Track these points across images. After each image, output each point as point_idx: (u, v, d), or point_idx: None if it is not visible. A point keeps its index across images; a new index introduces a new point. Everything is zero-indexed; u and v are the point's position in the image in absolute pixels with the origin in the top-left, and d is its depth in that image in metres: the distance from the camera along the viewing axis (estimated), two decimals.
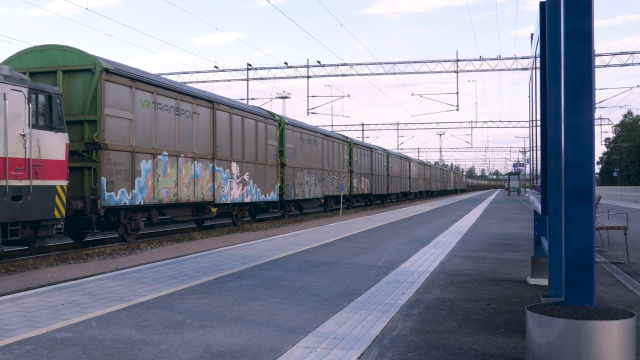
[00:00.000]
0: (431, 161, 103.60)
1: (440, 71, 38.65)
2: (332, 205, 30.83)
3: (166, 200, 14.81)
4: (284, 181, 22.79)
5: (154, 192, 14.28)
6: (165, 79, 15.75)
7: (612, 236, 12.15)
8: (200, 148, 16.57)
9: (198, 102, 16.60)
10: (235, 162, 18.77)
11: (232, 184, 18.44)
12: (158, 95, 14.65)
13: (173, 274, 7.72)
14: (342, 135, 33.63)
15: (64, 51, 12.84)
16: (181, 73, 41.41)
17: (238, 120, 19.08)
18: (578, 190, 3.74)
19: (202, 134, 16.73)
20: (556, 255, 5.24)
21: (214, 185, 17.12)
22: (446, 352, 4.22)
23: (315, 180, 26.68)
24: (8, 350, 4.22)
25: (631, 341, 3.52)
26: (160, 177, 14.55)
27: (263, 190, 20.88)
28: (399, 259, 9.22)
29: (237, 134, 19.00)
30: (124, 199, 13.18)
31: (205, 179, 16.72)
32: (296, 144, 24.44)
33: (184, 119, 15.79)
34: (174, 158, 15.20)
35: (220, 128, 17.79)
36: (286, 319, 5.21)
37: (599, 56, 34.97)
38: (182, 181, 15.53)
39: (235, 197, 18.64)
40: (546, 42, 5.27)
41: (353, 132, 70.02)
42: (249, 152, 19.87)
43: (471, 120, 66.79)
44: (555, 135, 5.13)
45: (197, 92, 17.04)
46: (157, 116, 14.57)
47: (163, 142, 14.80)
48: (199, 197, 16.35)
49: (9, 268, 10.25)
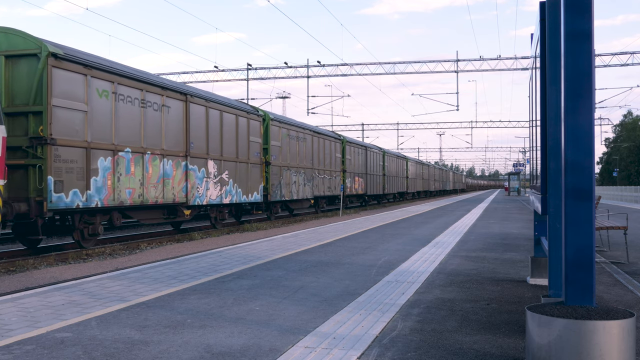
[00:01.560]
0: (431, 161, 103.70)
1: (440, 71, 38.67)
2: (323, 206, 29.53)
3: (129, 202, 13.32)
4: (269, 181, 21.37)
5: (114, 193, 12.82)
6: (129, 67, 14.10)
7: (612, 236, 12.15)
8: (170, 144, 15.09)
9: (168, 94, 15.08)
10: (213, 160, 17.26)
11: (209, 183, 16.98)
12: (119, 85, 13.18)
13: (173, 274, 7.72)
14: (334, 132, 32.38)
15: (6, 34, 11.39)
16: (181, 73, 41.45)
17: (216, 114, 17.58)
18: (578, 190, 3.74)
19: (173, 129, 15.24)
20: (556, 255, 5.24)
21: (187, 185, 15.69)
22: (446, 352, 4.22)
23: (304, 180, 25.24)
24: (8, 350, 4.23)
25: (631, 341, 3.52)
26: (121, 176, 13.10)
27: (245, 190, 19.42)
28: (399, 259, 9.22)
29: (215, 129, 17.52)
30: (76, 200, 11.74)
31: (176, 178, 15.27)
32: (282, 142, 22.94)
33: (152, 113, 14.32)
34: (138, 155, 13.74)
35: (195, 123, 16.29)
36: (286, 319, 5.22)
37: (599, 56, 34.97)
38: (149, 181, 14.07)
39: (212, 198, 17.17)
40: (546, 42, 5.26)
41: (353, 132, 70.14)
42: (229, 150, 18.37)
43: (471, 120, 66.82)
44: (555, 135, 5.13)
45: (167, 83, 15.53)
46: (118, 108, 13.10)
47: (125, 137, 13.34)
48: (169, 198, 14.89)
49: (9, 268, 10.25)
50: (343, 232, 14.18)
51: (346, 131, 64.46)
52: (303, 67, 39.32)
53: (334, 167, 30.30)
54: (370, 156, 37.52)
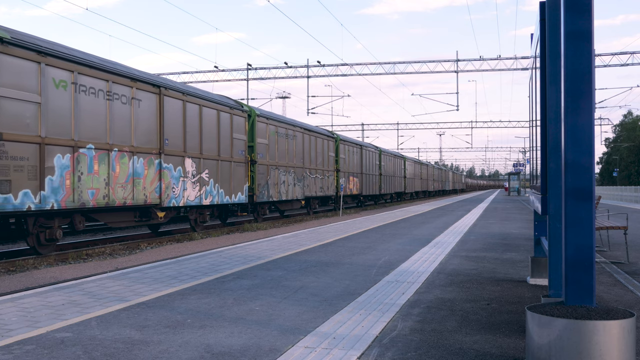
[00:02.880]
0: (431, 161, 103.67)
1: (440, 71, 38.67)
2: (315, 207, 28.16)
3: (92, 204, 12.09)
4: (255, 180, 20.15)
5: (75, 194, 11.56)
6: (92, 55, 12.76)
7: (612, 236, 12.15)
8: (142, 141, 13.84)
9: (139, 85, 13.79)
10: (191, 158, 15.97)
11: (186, 183, 15.68)
12: (80, 75, 11.88)
13: (173, 273, 7.72)
14: (327, 130, 30.87)
15: None
16: (181, 73, 41.47)
17: (194, 109, 16.30)
18: (578, 190, 3.75)
19: (144, 124, 13.98)
20: (556, 255, 5.24)
21: (160, 185, 14.41)
22: (446, 352, 4.22)
23: (294, 180, 23.94)
24: (8, 350, 4.23)
25: (631, 341, 3.52)
26: (83, 175, 11.83)
27: (228, 190, 18.09)
28: (399, 259, 9.22)
29: (193, 125, 16.21)
30: (27, 202, 10.50)
31: (148, 177, 14.00)
32: (270, 139, 21.71)
33: (119, 106, 13.09)
34: (103, 152, 12.49)
35: (170, 118, 15.04)
36: (286, 319, 5.22)
37: (599, 56, 34.98)
38: (116, 180, 12.85)
39: (190, 199, 15.88)
40: (546, 42, 5.27)
41: (353, 132, 70.16)
42: (209, 147, 17.08)
43: (471, 120, 66.80)
44: (555, 135, 5.13)
45: (138, 73, 14.05)
46: (79, 101, 11.83)
47: (88, 132, 12.08)
48: (140, 199, 13.65)
49: (9, 268, 10.25)
50: (343, 232, 14.18)
51: (346, 131, 64.52)
52: (303, 67, 39.35)
53: (327, 166, 29.06)
54: (365, 155, 36.38)
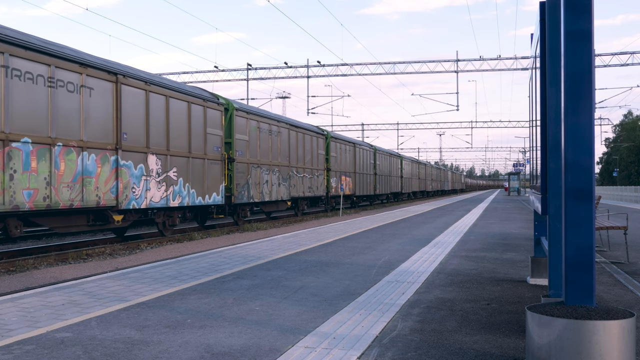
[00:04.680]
0: (431, 161, 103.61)
1: (440, 71, 38.67)
2: (304, 209, 26.43)
3: (29, 206, 10.46)
4: (233, 180, 18.51)
5: (5, 195, 10.02)
6: (28, 34, 11.14)
7: (612, 236, 12.15)
8: (94, 135, 12.14)
9: (90, 72, 12.11)
10: (155, 154, 14.30)
11: (150, 183, 14.03)
12: (12, 57, 10.28)
13: (173, 273, 7.72)
14: (317, 127, 28.86)
15: None
16: (181, 73, 41.47)
17: (159, 100, 14.58)
18: (578, 190, 3.75)
19: (97, 116, 12.27)
20: (556, 255, 5.24)
21: (117, 185, 12.75)
22: (446, 352, 4.22)
23: (279, 180, 22.34)
24: (8, 350, 4.23)
25: (631, 341, 3.52)
26: (16, 173, 10.25)
27: (200, 191, 16.41)
28: (399, 259, 9.22)
29: (158, 118, 14.51)
30: None
31: (102, 176, 12.31)
32: (251, 135, 20.01)
33: (65, 94, 11.46)
34: (44, 147, 10.87)
35: (130, 109, 13.36)
36: (286, 319, 5.22)
37: (599, 56, 34.98)
38: (61, 179, 11.22)
39: (154, 200, 14.21)
40: (546, 42, 5.27)
41: (353, 132, 70.13)
42: (178, 143, 15.43)
43: (471, 120, 66.80)
44: (555, 135, 5.13)
45: (89, 58, 12.29)
46: (10, 87, 10.21)
47: (23, 124, 10.47)
48: (91, 201, 11.92)
49: (9, 268, 10.25)
50: (343, 232, 14.18)
51: (346, 131, 64.50)
52: (303, 67, 39.35)
53: (316, 165, 27.18)
54: (359, 154, 34.81)
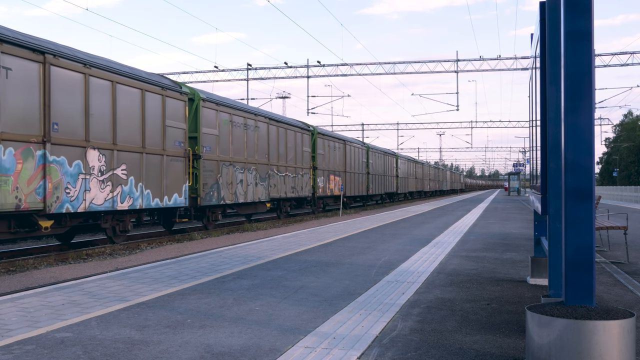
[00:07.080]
0: (431, 161, 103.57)
1: (440, 71, 38.66)
2: (287, 211, 24.48)
3: None
4: (199, 179, 16.49)
5: None
6: None
7: (612, 236, 12.15)
8: (12, 124, 10.25)
9: (6, 49, 10.16)
10: (97, 149, 12.36)
11: (89, 182, 12.11)
12: None
13: (173, 273, 7.72)
14: (302, 122, 26.54)
15: None
16: (181, 73, 41.46)
17: (104, 86, 12.62)
18: (578, 190, 3.75)
19: (17, 103, 10.41)
20: (556, 255, 5.24)
21: (45, 185, 10.86)
22: (446, 352, 4.22)
23: (256, 179, 20.25)
24: (8, 350, 4.23)
25: (631, 341, 3.52)
26: None
27: (157, 191, 14.45)
28: (399, 259, 9.22)
29: (102, 107, 12.55)
30: None
31: (24, 174, 10.41)
32: (222, 129, 17.89)
33: None
34: None
35: (63, 96, 11.43)
36: (286, 319, 5.22)
37: (599, 56, 34.98)
38: None
39: (96, 202, 12.31)
40: (546, 42, 5.27)
41: (353, 132, 70.12)
42: (129, 136, 13.44)
43: (471, 120, 66.79)
44: (555, 135, 5.14)
45: (6, 32, 10.32)
46: None
47: None
48: (7, 204, 10.06)
49: (9, 268, 10.25)
50: (343, 232, 14.18)
51: (346, 131, 64.46)
52: (303, 67, 39.33)
53: (301, 163, 24.93)
54: (350, 152, 32.79)
